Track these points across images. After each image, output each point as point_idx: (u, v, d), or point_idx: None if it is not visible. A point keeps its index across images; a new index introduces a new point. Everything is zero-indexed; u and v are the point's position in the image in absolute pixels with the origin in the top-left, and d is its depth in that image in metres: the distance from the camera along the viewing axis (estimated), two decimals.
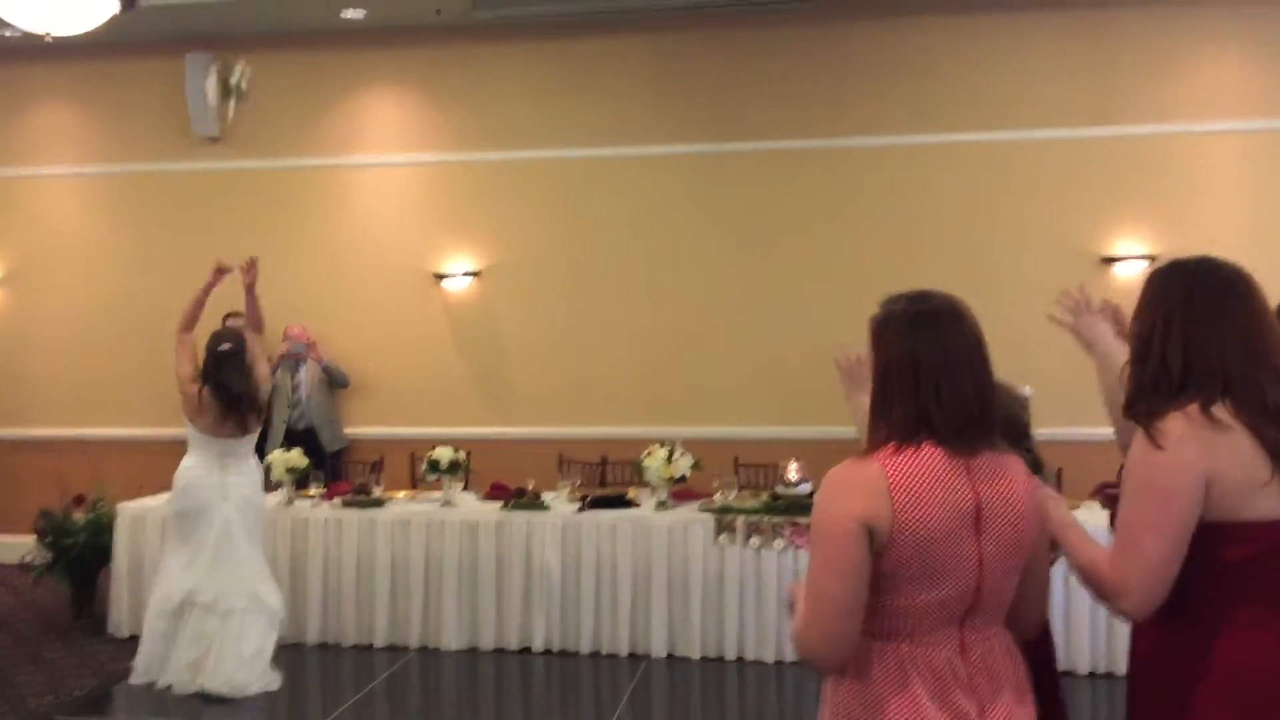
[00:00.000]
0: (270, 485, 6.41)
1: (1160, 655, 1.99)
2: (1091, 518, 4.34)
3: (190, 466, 5.32)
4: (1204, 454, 1.89)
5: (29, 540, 6.79)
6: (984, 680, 1.85)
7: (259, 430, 5.56)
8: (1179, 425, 1.92)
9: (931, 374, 1.85)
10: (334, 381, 7.79)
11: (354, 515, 6.06)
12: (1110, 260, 7.16)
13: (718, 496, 6.04)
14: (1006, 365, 2.25)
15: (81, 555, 6.38)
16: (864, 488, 1.81)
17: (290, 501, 6.23)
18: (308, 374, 7.67)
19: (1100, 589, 1.97)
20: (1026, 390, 2.99)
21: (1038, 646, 2.30)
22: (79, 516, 6.48)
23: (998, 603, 1.89)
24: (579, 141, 7.78)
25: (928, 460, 1.82)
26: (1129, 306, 2.22)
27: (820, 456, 3.31)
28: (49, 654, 5.88)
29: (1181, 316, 1.98)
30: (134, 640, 5.52)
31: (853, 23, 7.45)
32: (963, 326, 1.90)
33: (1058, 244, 7.08)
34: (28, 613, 6.76)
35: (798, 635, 1.89)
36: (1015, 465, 1.92)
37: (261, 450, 6.75)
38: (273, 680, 5.23)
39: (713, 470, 6.18)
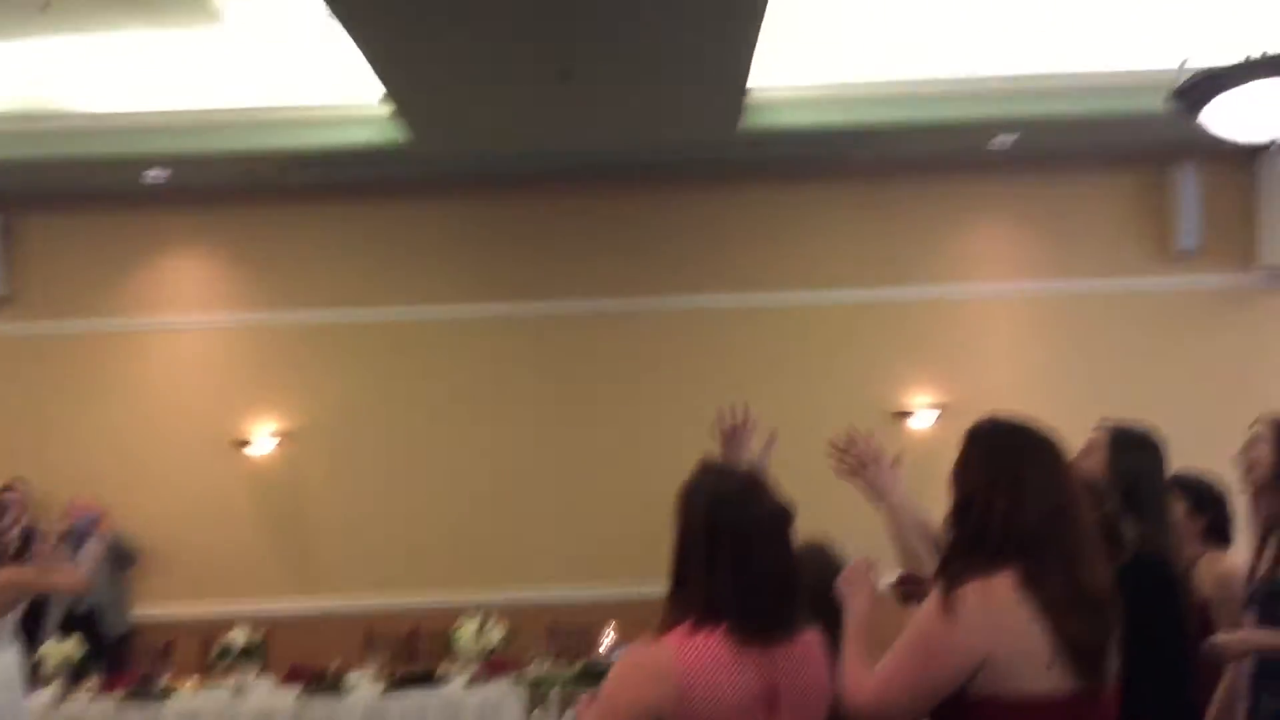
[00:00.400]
0: (41, 681, 5.88)
1: None
2: None
3: None
4: (987, 635, 1.90)
5: None
6: None
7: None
8: (974, 600, 1.92)
9: (730, 554, 1.84)
10: (121, 559, 7.27)
11: (135, 713, 5.59)
12: (903, 414, 7.51)
13: (531, 667, 5.88)
14: (813, 521, 2.27)
15: None
16: (652, 672, 1.81)
17: (63, 699, 5.69)
18: (91, 552, 7.11)
19: (842, 690, 2.02)
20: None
21: None
22: None
23: None
24: (391, 300, 7.72)
25: (719, 645, 1.81)
26: (924, 458, 2.29)
27: (639, 616, 3.25)
28: None
29: (1007, 485, 1.97)
30: None
31: (657, 193, 7.73)
32: (766, 503, 1.91)
33: (854, 399, 7.39)
34: None
35: None
36: (817, 642, 1.95)
37: (36, 639, 6.21)
38: None
39: (527, 639, 6.04)
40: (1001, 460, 2.01)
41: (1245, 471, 3.26)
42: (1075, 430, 2.86)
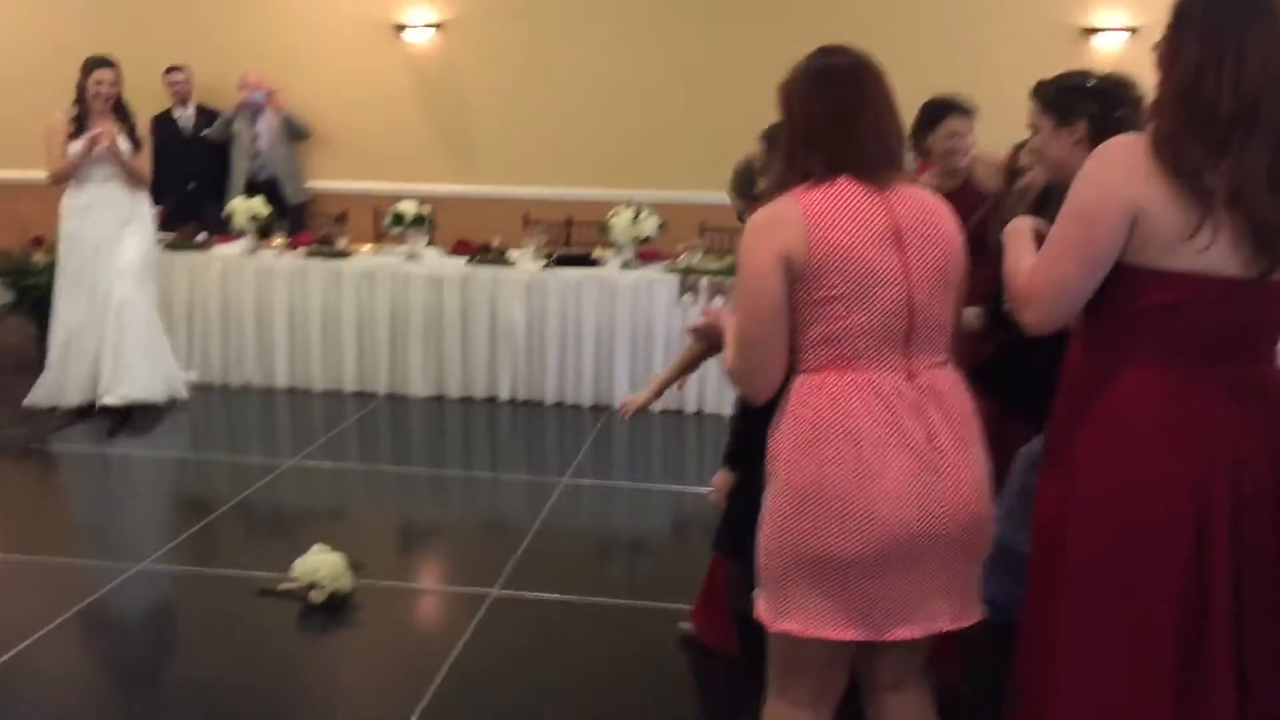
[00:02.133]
0: (233, 233, 6.38)
1: (1071, 382, 2.00)
2: None
3: None
4: (1137, 185, 1.77)
5: None
6: (933, 406, 1.87)
7: None
8: (1118, 147, 1.84)
9: (836, 123, 1.90)
10: (294, 133, 7.60)
11: (319, 265, 6.06)
12: (1090, 32, 7.04)
13: (682, 258, 6.10)
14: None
15: (45, 295, 6.35)
16: (782, 222, 1.86)
17: (254, 250, 6.20)
18: (266, 124, 7.45)
19: (1011, 294, 1.97)
20: None
21: None
22: (39, 258, 6.42)
23: (935, 324, 1.91)
24: None
25: (841, 189, 1.88)
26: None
27: None
28: (19, 390, 5.95)
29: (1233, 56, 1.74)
30: None
31: None
32: (866, 82, 1.93)
33: (1039, 18, 6.93)
34: None
35: (727, 367, 1.99)
36: (935, 199, 1.98)
37: (222, 201, 6.68)
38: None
39: (678, 233, 6.21)
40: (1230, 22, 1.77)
41: None
42: None
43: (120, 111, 5.50)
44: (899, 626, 1.88)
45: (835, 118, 1.90)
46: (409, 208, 6.16)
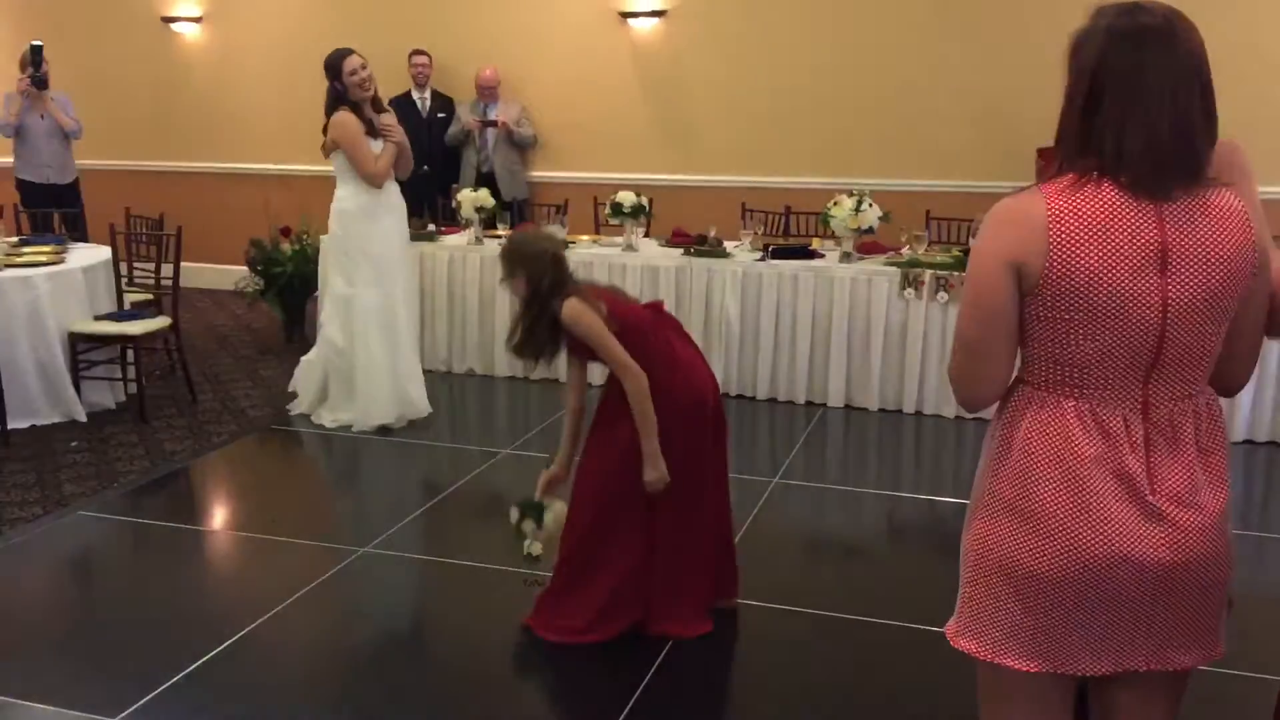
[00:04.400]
0: (459, 223, 6.59)
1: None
2: None
3: None
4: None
5: (241, 269, 7.28)
6: (1163, 442, 1.67)
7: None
8: None
9: (1121, 102, 1.59)
10: (520, 143, 7.79)
11: None
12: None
13: (906, 250, 5.84)
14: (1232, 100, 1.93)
15: (290, 283, 6.79)
16: (1020, 224, 1.63)
17: (479, 240, 6.38)
18: (493, 137, 7.68)
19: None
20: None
21: None
22: (286, 247, 6.85)
23: (1192, 359, 1.66)
24: None
25: (1103, 197, 1.60)
26: None
27: None
28: (265, 371, 6.39)
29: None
30: None
31: None
32: (1175, 48, 1.59)
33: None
34: (244, 335, 7.32)
35: (949, 372, 1.81)
36: (1233, 207, 1.65)
37: (448, 192, 6.91)
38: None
39: (902, 224, 5.94)
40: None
41: None
42: None
43: (376, 102, 5.30)
44: (1100, 661, 1.71)
45: (1127, 94, 1.59)
46: (627, 198, 6.17)
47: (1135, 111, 1.59)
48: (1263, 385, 5.18)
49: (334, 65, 5.15)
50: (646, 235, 6.70)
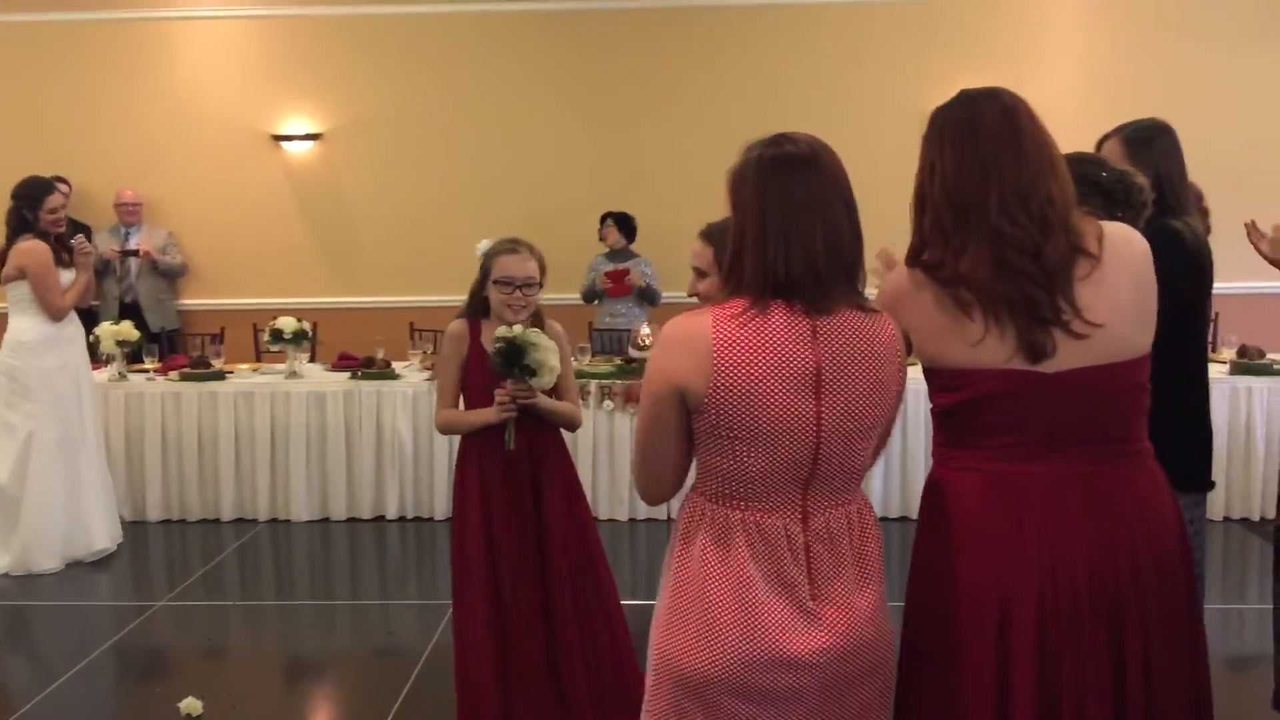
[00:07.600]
0: (99, 359, 6.10)
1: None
2: None
3: None
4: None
5: None
6: (823, 549, 1.79)
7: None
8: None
9: (780, 225, 1.72)
10: (167, 273, 7.40)
11: (193, 389, 5.81)
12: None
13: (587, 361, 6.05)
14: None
15: None
16: (686, 346, 1.73)
17: (122, 376, 5.92)
18: (135, 262, 7.25)
19: None
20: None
21: None
22: None
23: (845, 471, 1.80)
24: None
25: (766, 321, 1.72)
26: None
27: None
28: None
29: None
30: None
31: None
32: (821, 172, 1.75)
33: (899, 108, 7.20)
34: None
35: (630, 469, 1.93)
36: (885, 335, 1.80)
37: (91, 323, 6.39)
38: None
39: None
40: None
41: None
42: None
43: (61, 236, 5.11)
44: None
45: (784, 217, 1.72)
46: (288, 323, 5.97)
47: (793, 231, 1.72)
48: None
49: (34, 197, 4.95)
50: (312, 360, 6.51)
